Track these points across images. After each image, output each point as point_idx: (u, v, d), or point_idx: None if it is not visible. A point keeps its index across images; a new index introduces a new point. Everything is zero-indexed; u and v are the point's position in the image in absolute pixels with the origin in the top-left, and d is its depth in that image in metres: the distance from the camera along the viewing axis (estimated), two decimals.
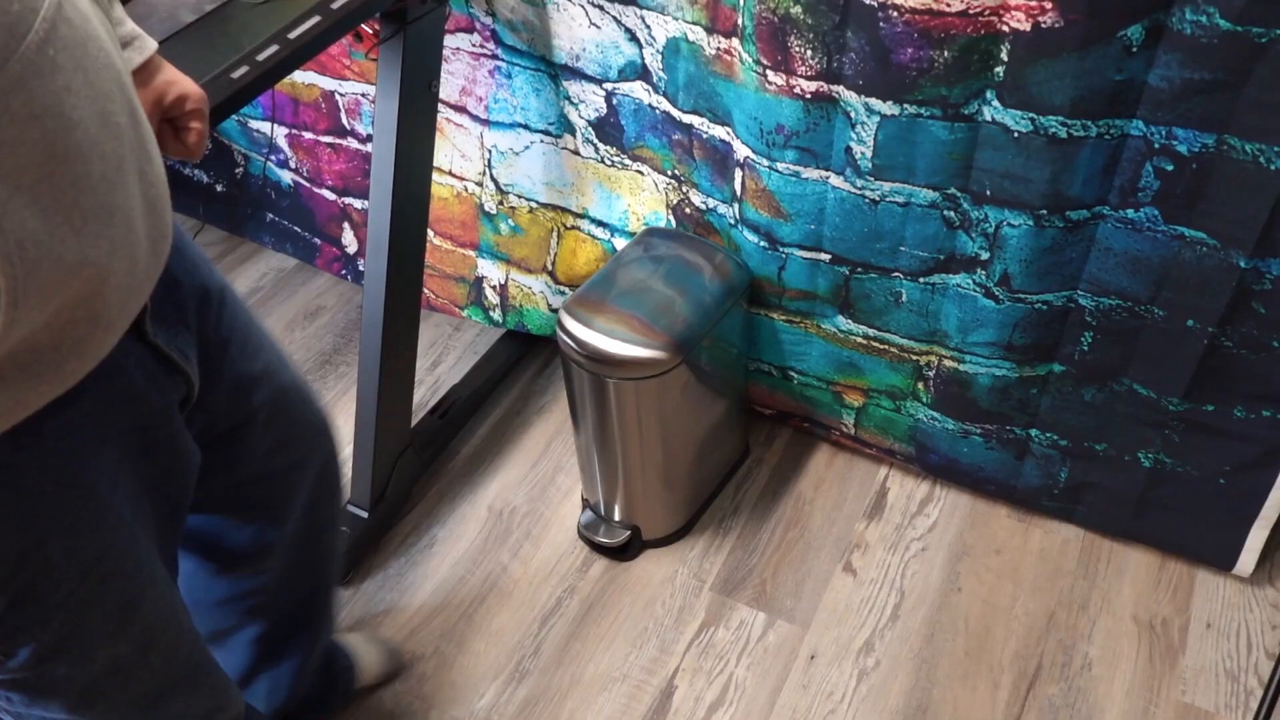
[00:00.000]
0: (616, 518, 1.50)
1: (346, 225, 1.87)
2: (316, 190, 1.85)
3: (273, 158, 1.85)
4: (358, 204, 1.81)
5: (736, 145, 1.29)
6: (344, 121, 1.71)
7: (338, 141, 1.74)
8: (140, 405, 0.70)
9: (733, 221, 1.40)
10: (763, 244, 1.36)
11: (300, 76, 1.68)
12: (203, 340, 0.80)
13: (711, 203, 1.42)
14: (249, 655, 1.11)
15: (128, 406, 0.69)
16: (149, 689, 0.80)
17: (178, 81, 0.77)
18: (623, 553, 1.50)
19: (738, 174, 1.32)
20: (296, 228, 1.96)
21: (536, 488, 1.62)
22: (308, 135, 1.77)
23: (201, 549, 0.99)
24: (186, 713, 0.87)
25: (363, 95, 1.65)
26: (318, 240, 1.94)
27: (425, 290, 1.82)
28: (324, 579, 1.15)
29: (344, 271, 1.95)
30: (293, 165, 1.85)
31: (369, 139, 1.68)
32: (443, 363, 1.83)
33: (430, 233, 1.73)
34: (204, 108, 0.79)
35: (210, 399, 0.82)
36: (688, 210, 1.46)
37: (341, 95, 1.67)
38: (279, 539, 1.01)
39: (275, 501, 0.99)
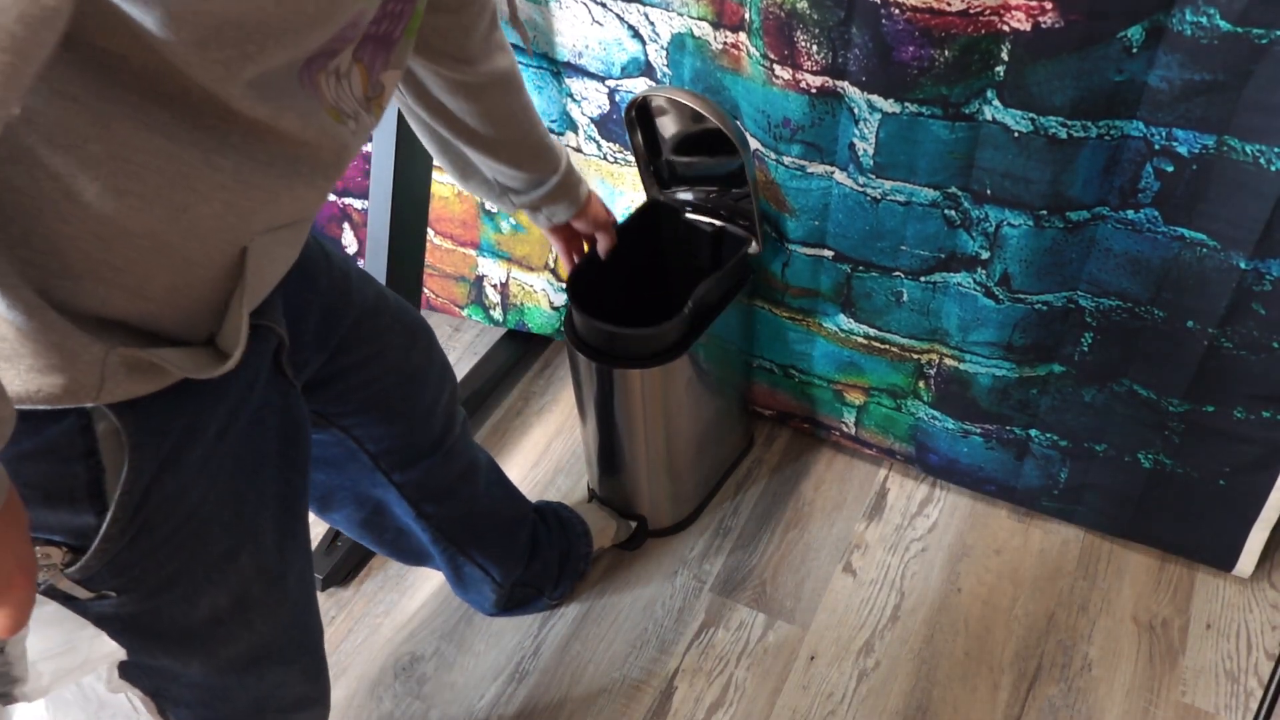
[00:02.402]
0: (622, 508, 1.51)
1: (346, 225, 1.87)
2: None
3: None
4: (358, 204, 1.81)
5: (746, 137, 1.29)
6: None
7: None
8: (239, 367, 0.72)
9: None
10: (771, 235, 1.37)
11: None
12: (287, 288, 0.81)
13: None
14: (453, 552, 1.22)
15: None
16: (245, 650, 0.82)
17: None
18: (629, 543, 1.51)
19: (751, 164, 1.33)
20: None
21: (537, 488, 1.62)
22: None
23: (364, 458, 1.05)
24: (280, 688, 0.88)
25: None
26: None
27: (425, 290, 1.82)
28: (475, 463, 1.21)
29: None
30: None
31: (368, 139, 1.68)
32: None
33: (430, 232, 1.73)
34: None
35: (303, 339, 0.86)
36: None
37: None
38: (426, 437, 1.09)
39: (405, 400, 1.04)
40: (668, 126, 1.34)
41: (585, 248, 1.28)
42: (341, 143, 0.64)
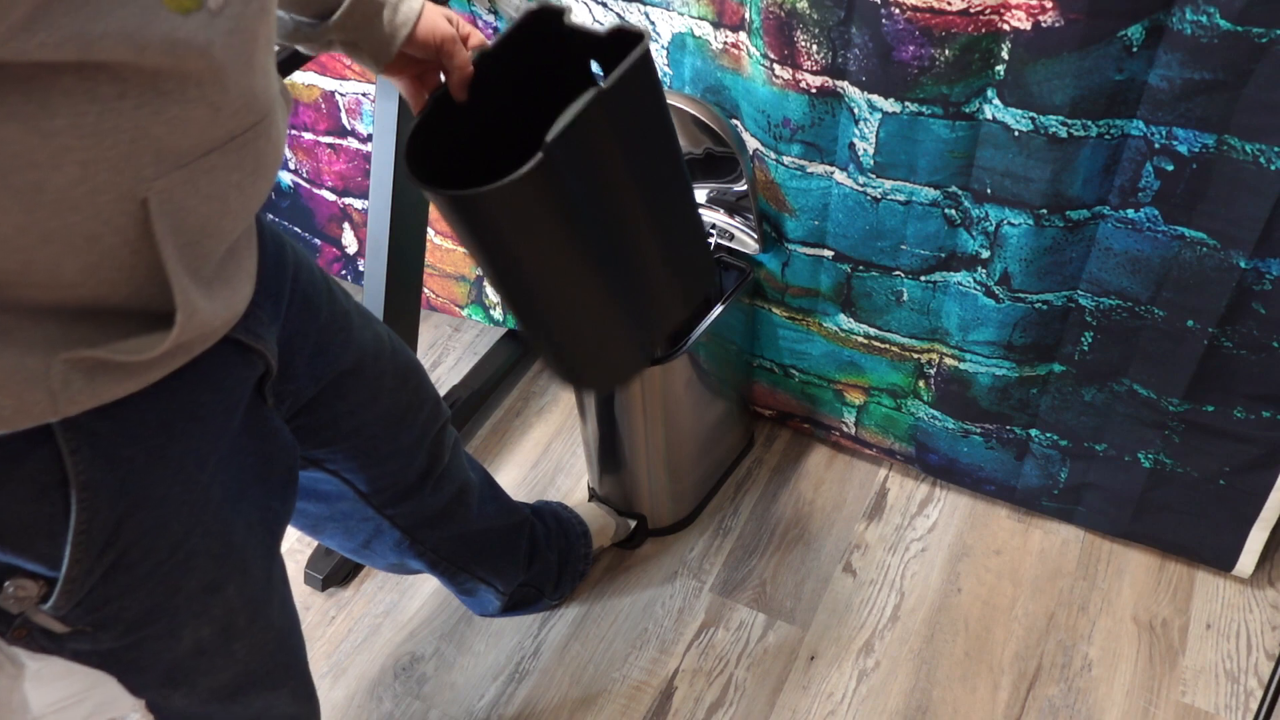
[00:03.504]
0: (622, 507, 1.51)
1: (346, 225, 1.87)
2: (316, 191, 1.85)
3: None
4: (358, 204, 1.81)
5: (746, 138, 1.30)
6: (344, 122, 1.71)
7: (338, 142, 1.75)
8: (215, 387, 0.70)
9: None
10: (771, 235, 1.37)
11: (300, 77, 1.68)
12: (280, 315, 0.80)
13: None
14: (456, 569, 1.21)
15: (204, 387, 0.69)
16: (229, 680, 0.80)
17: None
18: (629, 542, 1.51)
19: (749, 165, 1.33)
20: (296, 228, 1.96)
21: (536, 488, 1.62)
22: (307, 136, 1.77)
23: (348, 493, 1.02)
24: (268, 712, 0.87)
25: (363, 95, 1.65)
26: (318, 241, 1.94)
27: (425, 290, 1.82)
28: (467, 485, 1.17)
29: (344, 272, 1.95)
30: (292, 166, 1.85)
31: (369, 139, 1.68)
32: (443, 363, 1.83)
33: (431, 232, 1.73)
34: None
35: (294, 369, 0.83)
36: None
37: (342, 95, 1.67)
38: (417, 472, 1.06)
39: (393, 442, 1.01)
40: None
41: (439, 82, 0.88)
42: (202, 40, 0.51)
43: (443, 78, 0.86)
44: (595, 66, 0.90)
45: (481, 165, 0.86)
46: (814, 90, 1.17)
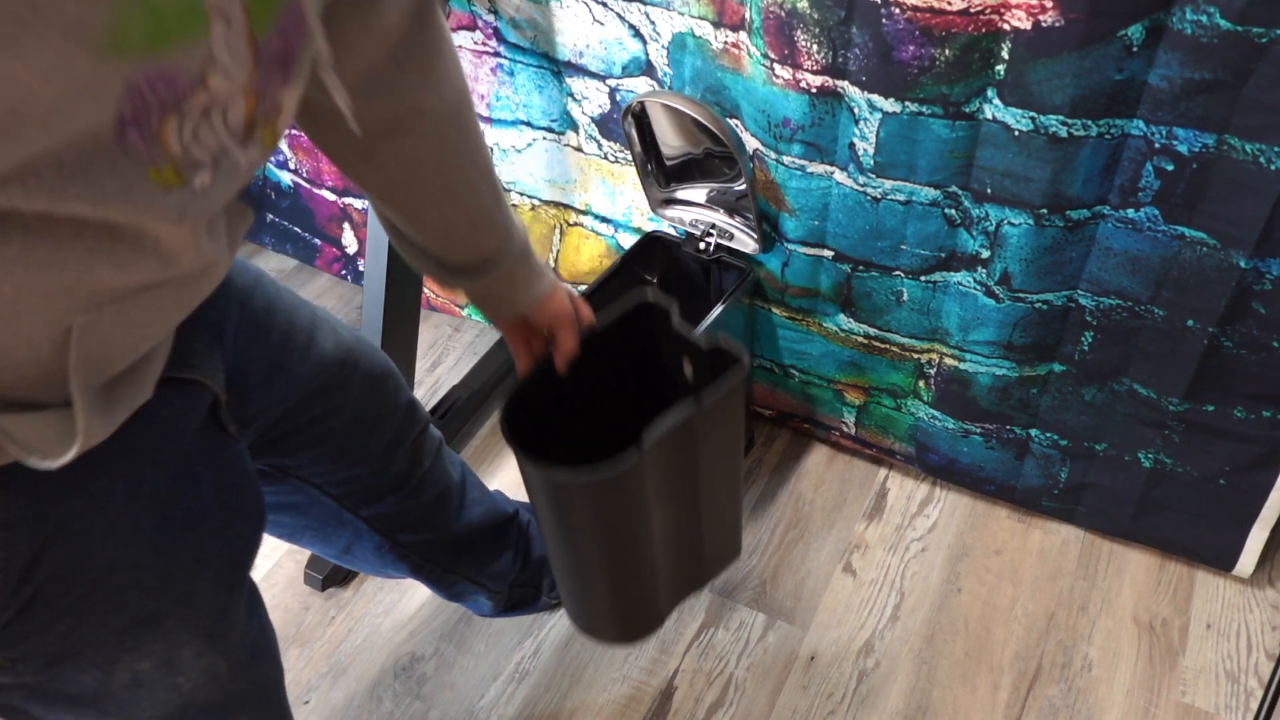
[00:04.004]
0: None
1: (346, 225, 1.87)
2: (316, 191, 1.85)
3: (272, 159, 1.85)
4: (358, 204, 1.81)
5: (746, 137, 1.30)
6: None
7: None
8: (145, 419, 0.68)
9: None
10: (770, 235, 1.37)
11: None
12: (224, 342, 0.78)
13: None
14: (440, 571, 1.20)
15: (132, 420, 0.67)
16: (174, 711, 0.78)
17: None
18: None
19: (749, 165, 1.33)
20: (296, 228, 1.96)
21: None
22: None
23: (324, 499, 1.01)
24: None
25: None
26: (318, 241, 1.94)
27: (425, 290, 1.82)
28: (448, 489, 1.16)
29: (344, 272, 1.95)
30: (292, 166, 1.85)
31: None
32: (443, 363, 1.83)
33: None
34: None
35: (250, 393, 0.82)
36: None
37: None
38: (391, 476, 1.05)
39: (364, 448, 1.00)
40: (665, 128, 1.34)
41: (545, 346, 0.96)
42: (175, 211, 0.52)
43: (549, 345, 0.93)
44: (687, 367, 1.00)
45: (565, 423, 0.99)
46: (814, 90, 1.17)
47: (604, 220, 1.58)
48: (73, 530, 0.65)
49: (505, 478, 1.63)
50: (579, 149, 1.52)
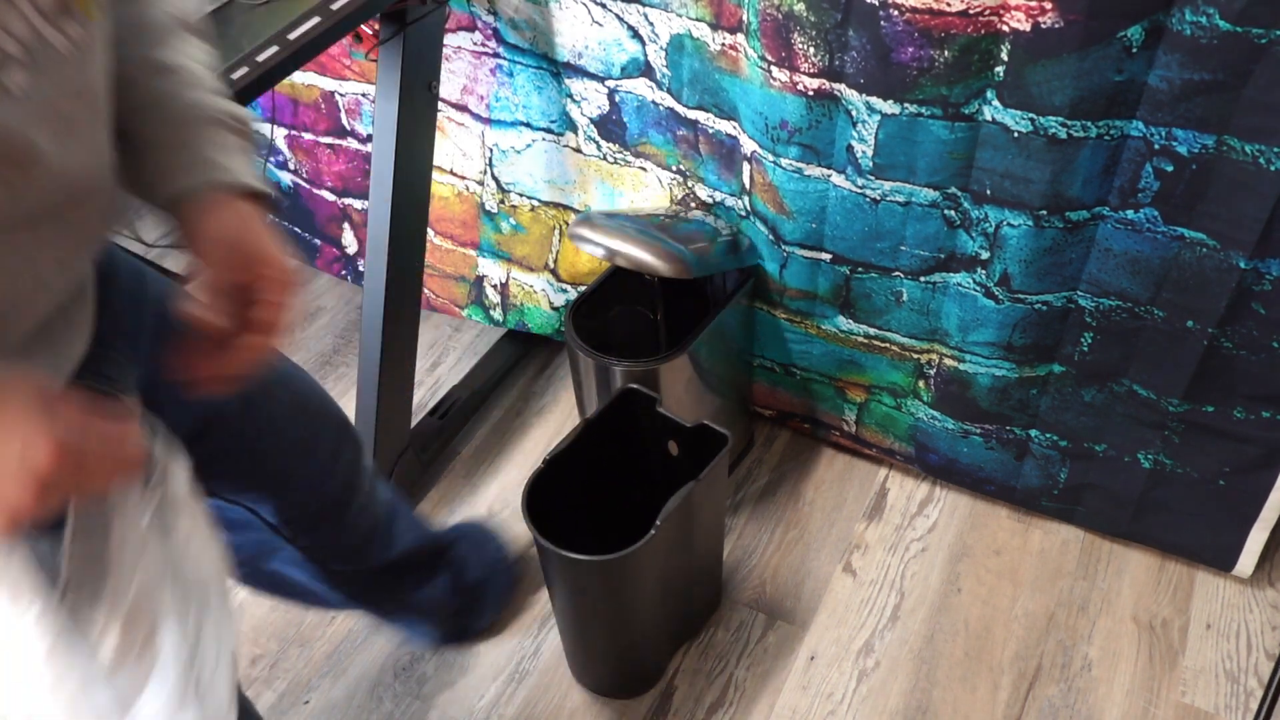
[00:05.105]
0: None
1: (346, 226, 1.87)
2: (316, 191, 1.85)
3: (271, 159, 1.85)
4: (357, 204, 1.81)
5: (743, 140, 1.30)
6: (344, 122, 1.71)
7: (337, 142, 1.75)
8: None
9: (743, 213, 1.40)
10: (769, 238, 1.37)
11: (300, 77, 1.68)
12: (141, 354, 0.76)
13: (719, 195, 1.42)
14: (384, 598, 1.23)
15: None
16: None
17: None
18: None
19: (746, 167, 1.33)
20: (296, 229, 1.96)
21: None
22: (307, 136, 1.77)
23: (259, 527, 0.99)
24: None
25: (363, 95, 1.65)
26: (317, 241, 1.94)
27: (425, 290, 1.82)
28: (377, 515, 1.15)
29: (344, 272, 1.95)
30: (291, 166, 1.85)
31: (369, 139, 1.68)
32: (442, 363, 1.83)
33: (431, 232, 1.73)
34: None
35: (161, 408, 0.77)
36: (694, 204, 1.46)
37: (341, 95, 1.67)
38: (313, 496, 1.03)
39: (292, 473, 0.98)
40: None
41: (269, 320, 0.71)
42: None
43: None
44: (672, 447, 1.26)
45: (567, 500, 1.18)
46: (811, 93, 1.17)
47: None
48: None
49: (505, 478, 1.63)
50: (578, 150, 1.52)
